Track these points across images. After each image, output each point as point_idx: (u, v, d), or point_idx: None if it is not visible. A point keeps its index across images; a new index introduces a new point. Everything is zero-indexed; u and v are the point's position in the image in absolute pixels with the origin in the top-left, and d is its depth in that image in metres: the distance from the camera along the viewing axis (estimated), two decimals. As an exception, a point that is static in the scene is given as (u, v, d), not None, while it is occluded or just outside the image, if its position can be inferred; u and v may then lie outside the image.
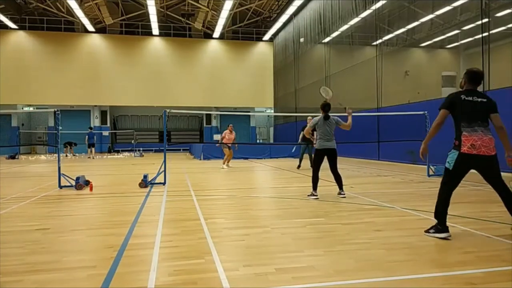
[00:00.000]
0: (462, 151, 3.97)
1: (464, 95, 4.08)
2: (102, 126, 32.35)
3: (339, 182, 7.04)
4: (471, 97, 4.05)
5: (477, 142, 3.93)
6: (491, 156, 3.96)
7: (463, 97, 4.06)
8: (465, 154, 3.96)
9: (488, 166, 4.01)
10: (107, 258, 3.47)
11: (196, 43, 32.29)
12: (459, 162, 4.00)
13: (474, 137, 3.95)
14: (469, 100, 4.04)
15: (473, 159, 3.95)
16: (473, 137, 3.95)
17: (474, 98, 4.04)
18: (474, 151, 3.93)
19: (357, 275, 3.00)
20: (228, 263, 3.30)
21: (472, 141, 3.94)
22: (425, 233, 4.20)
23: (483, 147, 3.93)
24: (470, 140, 3.95)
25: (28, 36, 29.41)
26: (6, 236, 4.33)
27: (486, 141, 3.95)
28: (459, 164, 4.01)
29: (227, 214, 5.66)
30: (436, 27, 17.69)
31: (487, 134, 3.99)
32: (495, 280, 2.91)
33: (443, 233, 4.06)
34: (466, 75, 4.19)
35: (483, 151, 3.93)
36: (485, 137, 3.96)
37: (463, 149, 3.97)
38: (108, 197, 7.34)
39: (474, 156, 3.94)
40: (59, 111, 8.61)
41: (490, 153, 3.95)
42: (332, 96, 7.93)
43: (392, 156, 15.46)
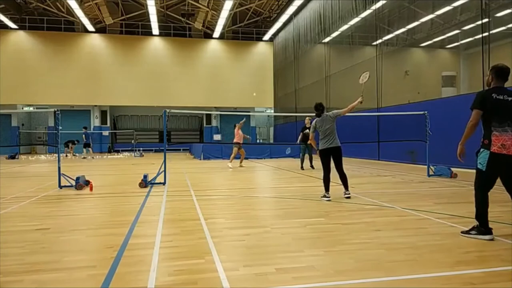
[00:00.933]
0: (492, 150, 3.90)
1: (496, 93, 3.94)
2: (102, 126, 32.34)
3: (344, 182, 6.88)
4: (502, 96, 3.93)
5: (507, 142, 3.87)
6: None
7: (494, 95, 3.93)
8: (495, 153, 3.89)
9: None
10: (107, 258, 3.47)
11: (196, 43, 32.29)
12: (491, 162, 3.92)
13: (505, 137, 3.87)
14: (500, 99, 3.92)
15: (503, 159, 3.89)
16: (503, 137, 3.88)
17: (505, 97, 3.93)
18: (504, 151, 3.86)
19: (357, 275, 3.00)
20: (228, 263, 3.30)
21: (502, 141, 3.87)
22: (463, 234, 4.11)
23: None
24: (500, 140, 3.88)
25: (28, 36, 29.40)
26: (6, 236, 4.33)
27: None
28: (492, 164, 3.92)
29: (227, 214, 5.66)
30: (436, 27, 17.69)
31: None
32: (495, 280, 2.91)
33: (487, 235, 3.95)
34: (493, 71, 4.05)
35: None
36: None
37: (493, 148, 3.89)
38: (108, 197, 7.34)
39: (505, 156, 3.87)
40: (59, 111, 8.61)
41: None
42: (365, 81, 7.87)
43: (392, 156, 15.47)
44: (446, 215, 5.19)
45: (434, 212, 5.42)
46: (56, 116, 8.55)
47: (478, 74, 11.36)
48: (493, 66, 4.10)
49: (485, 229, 3.98)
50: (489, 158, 3.91)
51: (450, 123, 11.35)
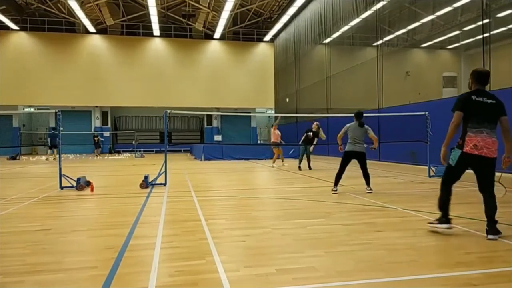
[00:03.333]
0: (465, 150, 4.04)
1: (475, 95, 4.08)
2: (103, 126, 32.37)
3: (367, 179, 7.67)
4: (482, 98, 4.05)
5: (480, 143, 3.98)
6: (492, 158, 4.03)
7: (474, 97, 4.06)
8: (467, 153, 4.03)
9: (486, 167, 4.10)
10: (108, 259, 3.47)
11: (197, 44, 32.31)
12: (461, 160, 4.08)
13: (478, 138, 4.00)
14: (480, 101, 4.04)
15: (474, 159, 4.02)
16: (477, 138, 4.00)
17: (484, 99, 4.05)
18: (476, 151, 3.99)
19: (358, 276, 3.00)
20: (229, 264, 3.30)
21: (475, 142, 3.99)
22: (428, 224, 4.34)
23: (485, 148, 3.99)
24: (473, 141, 4.01)
25: (29, 37, 29.46)
26: (7, 237, 4.34)
27: (490, 143, 4.00)
28: (461, 162, 4.09)
29: (228, 214, 5.66)
30: (437, 28, 17.70)
31: (492, 137, 4.03)
32: (496, 281, 2.91)
33: (445, 224, 4.15)
34: (472, 76, 4.20)
35: (485, 152, 3.99)
36: (489, 139, 4.01)
37: (465, 148, 4.04)
38: (109, 198, 7.34)
39: (476, 156, 4.00)
40: (60, 112, 8.62)
41: (491, 155, 4.01)
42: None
43: (393, 157, 15.46)
44: (446, 216, 5.18)
45: (435, 213, 5.40)
46: (57, 117, 8.56)
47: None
48: (473, 70, 4.23)
49: (445, 218, 4.18)
50: (460, 157, 4.08)
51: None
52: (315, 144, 13.33)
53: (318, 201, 6.64)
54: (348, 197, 6.98)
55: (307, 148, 13.38)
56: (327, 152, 21.40)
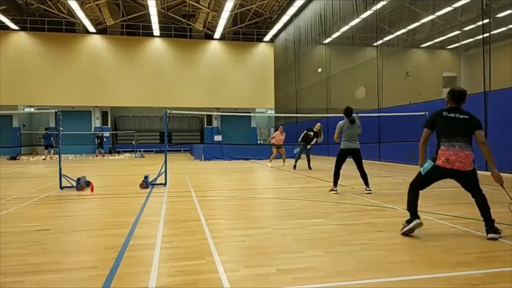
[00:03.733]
0: (437, 163, 4.18)
1: (447, 112, 4.27)
2: (103, 126, 32.37)
3: (365, 179, 7.58)
4: (453, 114, 4.22)
5: (452, 157, 4.09)
6: (466, 171, 4.11)
7: (445, 113, 4.25)
8: (439, 166, 4.17)
9: (463, 180, 4.21)
10: (108, 259, 3.47)
11: (197, 44, 32.31)
12: (431, 172, 4.24)
13: (450, 152, 4.11)
14: (451, 117, 4.21)
15: (447, 172, 4.17)
16: (449, 151, 4.12)
17: (456, 115, 4.21)
18: (448, 165, 4.11)
19: (358, 276, 3.00)
20: (229, 264, 3.30)
21: (447, 156, 4.12)
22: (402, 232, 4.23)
23: (458, 162, 4.08)
24: (445, 155, 4.13)
25: (29, 37, 29.46)
26: (7, 237, 4.34)
27: (462, 157, 4.08)
28: (431, 174, 4.25)
29: (228, 214, 5.67)
30: (437, 28, 17.70)
31: (464, 150, 4.10)
32: (496, 281, 2.91)
33: (413, 221, 4.18)
34: (449, 94, 4.37)
35: (458, 165, 4.08)
36: (461, 152, 4.09)
37: (438, 162, 4.18)
38: (109, 198, 7.35)
39: (448, 169, 4.13)
40: (60, 112, 8.62)
41: (465, 168, 4.09)
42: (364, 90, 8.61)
43: (393, 157, 15.45)
44: (447, 216, 5.19)
45: (435, 213, 5.42)
46: (57, 117, 8.56)
47: (479, 75, 11.36)
48: (450, 89, 4.42)
49: (414, 216, 4.23)
50: (431, 168, 4.24)
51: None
52: (312, 144, 13.28)
53: (318, 201, 6.64)
54: (348, 197, 6.98)
55: (306, 147, 13.37)
56: (327, 152, 21.40)
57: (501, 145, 9.98)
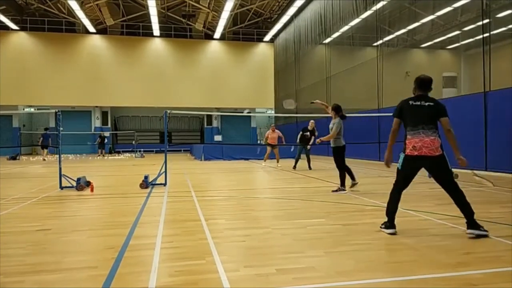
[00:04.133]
0: (406, 153, 4.24)
1: (412, 100, 4.31)
2: (103, 126, 32.38)
3: (350, 174, 8.00)
4: (419, 102, 4.26)
5: (418, 144, 4.14)
6: (434, 156, 4.12)
7: (411, 102, 4.30)
8: (408, 155, 4.22)
9: (433, 166, 4.22)
10: (108, 259, 3.47)
11: (197, 44, 32.32)
12: (405, 163, 4.27)
13: (416, 139, 4.17)
14: (416, 105, 4.25)
15: (417, 160, 4.18)
16: (414, 139, 4.18)
17: (422, 103, 4.24)
18: (416, 152, 4.15)
19: (358, 276, 3.00)
20: (229, 264, 3.30)
21: (413, 143, 4.18)
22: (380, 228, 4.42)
23: (424, 148, 4.12)
24: (412, 143, 4.19)
25: (29, 37, 29.47)
26: (7, 237, 4.34)
27: (428, 142, 4.12)
28: (405, 165, 4.27)
29: (228, 214, 5.67)
30: (436, 28, 17.70)
31: (430, 136, 4.14)
32: (495, 281, 2.91)
33: (390, 229, 4.27)
34: (415, 82, 4.40)
35: (425, 151, 4.12)
36: (426, 138, 4.13)
37: (406, 151, 4.24)
38: (109, 198, 7.35)
39: (417, 157, 4.15)
40: (60, 112, 8.62)
41: (433, 153, 4.11)
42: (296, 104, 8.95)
43: (392, 157, 15.43)
44: (447, 216, 5.19)
45: (435, 213, 5.42)
46: (57, 117, 8.56)
47: (479, 74, 11.36)
48: (417, 77, 4.43)
49: (390, 224, 4.31)
50: (403, 160, 4.29)
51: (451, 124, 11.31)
52: (311, 144, 13.25)
53: (318, 201, 6.64)
54: (348, 197, 6.98)
55: (305, 147, 13.36)
56: (327, 152, 21.39)
57: (501, 145, 9.98)
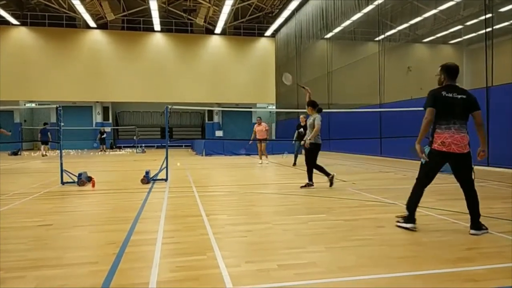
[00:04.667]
0: (433, 147, 4.05)
1: (445, 91, 4.06)
2: (104, 122, 32.38)
3: (323, 170, 7.84)
4: (452, 94, 4.03)
5: (448, 140, 3.97)
6: (462, 154, 3.98)
7: (443, 93, 4.04)
8: (435, 150, 4.04)
9: (458, 163, 4.06)
10: (109, 254, 3.47)
11: (198, 39, 32.22)
12: (430, 158, 4.07)
13: (446, 134, 3.99)
14: (449, 97, 4.02)
15: (444, 156, 4.02)
16: (444, 134, 3.99)
17: (454, 95, 4.03)
18: (444, 148, 3.98)
19: (359, 271, 3.00)
20: (230, 259, 3.30)
21: (442, 138, 3.99)
22: (396, 223, 4.35)
23: (454, 145, 3.96)
24: (441, 137, 4.00)
25: (30, 32, 29.41)
26: (9, 232, 4.35)
27: (458, 139, 3.96)
28: (430, 160, 4.08)
29: (229, 210, 5.66)
30: (439, 23, 17.58)
31: (460, 132, 3.99)
32: (497, 277, 2.91)
33: (409, 223, 4.20)
34: (443, 71, 4.16)
35: (453, 148, 3.96)
36: (457, 135, 3.97)
37: (433, 145, 4.05)
38: (110, 193, 7.35)
39: (444, 153, 3.99)
40: (61, 107, 8.61)
41: (461, 151, 3.97)
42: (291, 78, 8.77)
43: (394, 152, 15.43)
44: (448, 212, 5.18)
45: (436, 208, 5.42)
46: (58, 112, 8.56)
47: (481, 69, 11.30)
48: (443, 65, 4.19)
49: (410, 218, 4.22)
50: (429, 154, 4.07)
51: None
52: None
53: (319, 196, 6.64)
54: (349, 193, 6.97)
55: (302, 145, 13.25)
56: (329, 147, 21.39)
57: (503, 140, 9.95)
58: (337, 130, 19.89)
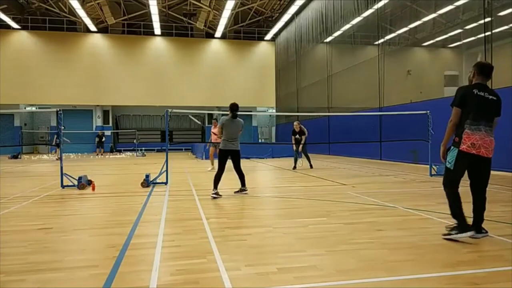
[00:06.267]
0: (461, 148, 3.78)
1: (477, 89, 3.80)
2: (105, 125, 32.41)
3: (242, 180, 7.44)
4: (483, 93, 3.79)
5: (478, 142, 3.74)
6: (488, 158, 3.83)
7: (475, 91, 3.79)
8: (464, 152, 3.78)
9: (482, 167, 3.88)
10: (109, 258, 3.47)
11: (198, 43, 32.31)
12: (459, 160, 3.82)
13: (476, 136, 3.75)
14: (481, 96, 3.78)
15: (471, 158, 3.79)
16: (475, 136, 3.75)
17: (486, 95, 3.80)
18: (473, 151, 3.74)
19: (359, 275, 3.00)
20: (230, 263, 3.30)
21: (473, 140, 3.74)
22: (445, 237, 3.93)
23: (483, 148, 3.76)
24: (471, 139, 3.75)
25: (31, 36, 29.49)
26: (9, 235, 4.35)
27: (487, 142, 3.78)
28: (459, 162, 3.83)
29: (229, 213, 5.66)
30: (438, 26, 17.63)
31: (490, 135, 3.81)
32: (498, 280, 2.91)
33: (467, 232, 3.80)
34: (476, 67, 3.93)
35: (483, 152, 3.77)
36: (487, 138, 3.78)
37: (462, 147, 3.78)
38: (111, 197, 7.35)
39: (473, 155, 3.76)
40: (61, 111, 8.62)
41: (488, 155, 3.81)
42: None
43: (394, 156, 15.43)
44: (448, 215, 5.14)
45: (436, 211, 5.41)
46: (58, 116, 8.56)
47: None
48: (476, 62, 4.00)
49: (464, 226, 3.83)
50: (457, 156, 3.81)
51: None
52: (303, 144, 13.14)
53: (319, 200, 6.63)
54: (349, 196, 6.97)
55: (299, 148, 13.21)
56: (328, 151, 21.39)
57: (502, 144, 9.96)
58: (337, 133, 19.91)
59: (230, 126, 7.12)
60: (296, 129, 13.05)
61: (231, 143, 7.11)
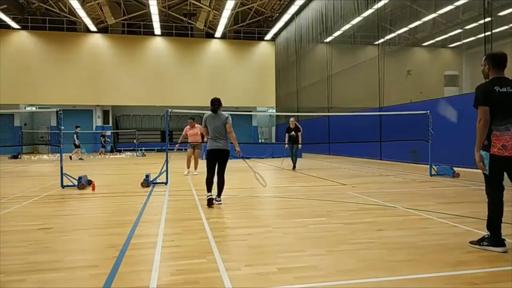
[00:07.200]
0: (492, 152, 3.48)
1: (498, 85, 3.47)
2: (105, 125, 32.40)
3: (220, 188, 6.33)
4: (506, 88, 3.46)
5: (509, 142, 3.44)
6: None
7: (497, 88, 3.46)
8: (496, 155, 3.48)
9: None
10: (109, 258, 3.47)
11: (198, 43, 32.29)
12: (493, 165, 3.52)
13: (506, 137, 3.44)
14: (504, 92, 3.45)
15: (505, 161, 3.48)
16: (504, 136, 3.44)
17: (508, 89, 3.47)
18: (506, 153, 3.44)
19: (359, 275, 3.00)
20: (230, 263, 3.30)
21: (503, 141, 3.44)
22: (472, 245, 3.70)
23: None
24: (501, 140, 3.45)
25: (31, 36, 29.48)
26: (9, 236, 4.35)
27: None
28: (494, 166, 3.52)
29: (229, 213, 5.66)
30: (438, 26, 17.64)
31: None
32: (498, 280, 2.91)
33: (499, 247, 3.52)
34: (489, 60, 3.58)
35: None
36: None
37: (493, 150, 3.48)
38: (111, 197, 7.35)
39: (506, 158, 3.46)
40: (61, 111, 8.62)
41: None
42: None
43: (394, 156, 15.43)
44: (448, 215, 5.18)
45: (436, 212, 5.41)
46: (58, 116, 8.56)
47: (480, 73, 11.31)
48: (488, 53, 3.67)
49: (496, 240, 3.55)
50: (490, 161, 3.52)
51: (452, 123, 11.33)
52: (301, 143, 13.14)
53: (319, 200, 6.64)
54: (349, 196, 6.97)
55: (294, 147, 13.21)
56: (328, 151, 21.39)
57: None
58: (337, 133, 19.91)
59: (212, 122, 6.46)
60: (291, 125, 13.04)
61: (217, 142, 6.34)
